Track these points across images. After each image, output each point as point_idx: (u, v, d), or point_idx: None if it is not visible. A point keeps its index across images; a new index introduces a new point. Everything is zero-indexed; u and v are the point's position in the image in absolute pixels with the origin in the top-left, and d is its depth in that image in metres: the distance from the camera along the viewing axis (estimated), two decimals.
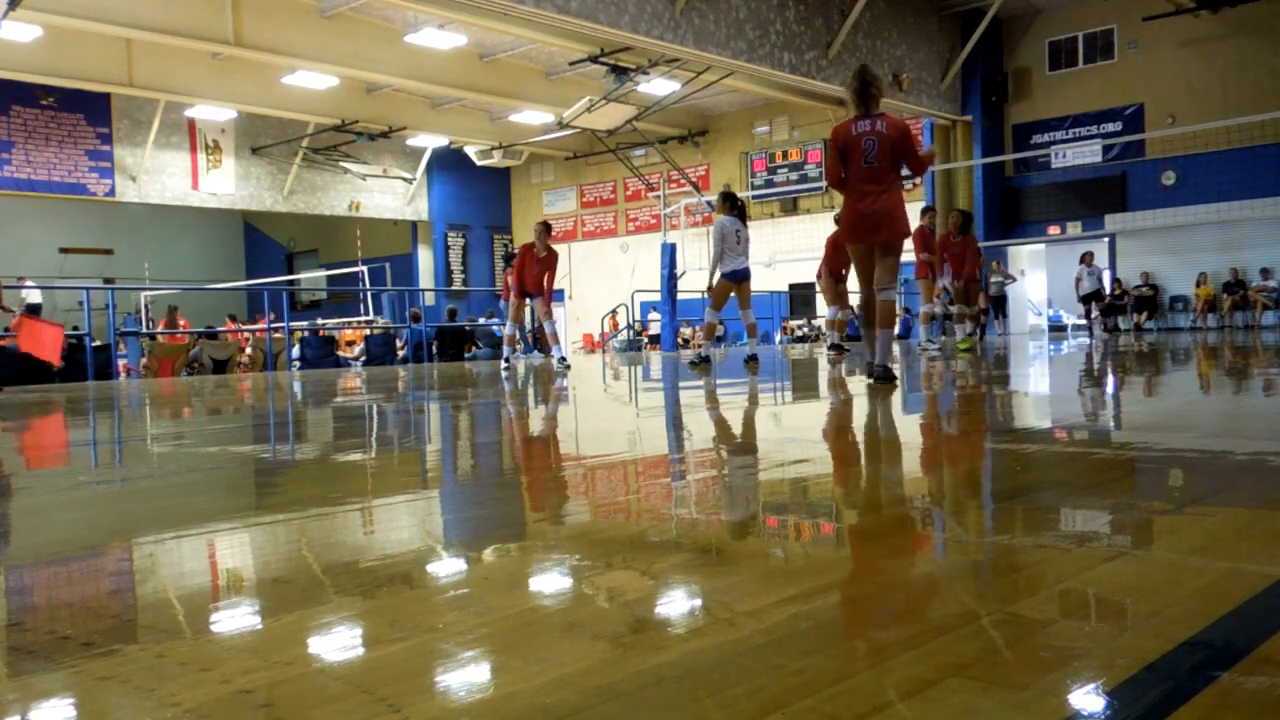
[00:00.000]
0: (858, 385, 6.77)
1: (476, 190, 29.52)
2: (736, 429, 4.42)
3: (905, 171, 6.25)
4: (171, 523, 2.27)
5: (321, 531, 2.10)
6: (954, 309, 12.22)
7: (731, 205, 9.62)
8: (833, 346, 12.00)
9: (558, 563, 1.68)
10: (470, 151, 26.19)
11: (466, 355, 17.46)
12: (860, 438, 3.86)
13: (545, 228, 11.08)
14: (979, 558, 1.66)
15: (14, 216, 26.97)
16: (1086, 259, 18.56)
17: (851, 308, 12.34)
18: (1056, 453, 3.11)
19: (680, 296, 18.48)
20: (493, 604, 1.45)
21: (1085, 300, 18.35)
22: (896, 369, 6.62)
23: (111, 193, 22.54)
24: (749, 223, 9.84)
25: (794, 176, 24.88)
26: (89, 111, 21.81)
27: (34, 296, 22.53)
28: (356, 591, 1.56)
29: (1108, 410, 4.73)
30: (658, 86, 20.05)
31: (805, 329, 24.06)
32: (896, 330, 22.64)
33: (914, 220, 22.94)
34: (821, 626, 1.25)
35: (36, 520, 2.37)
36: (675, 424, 4.74)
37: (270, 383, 10.80)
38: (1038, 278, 22.79)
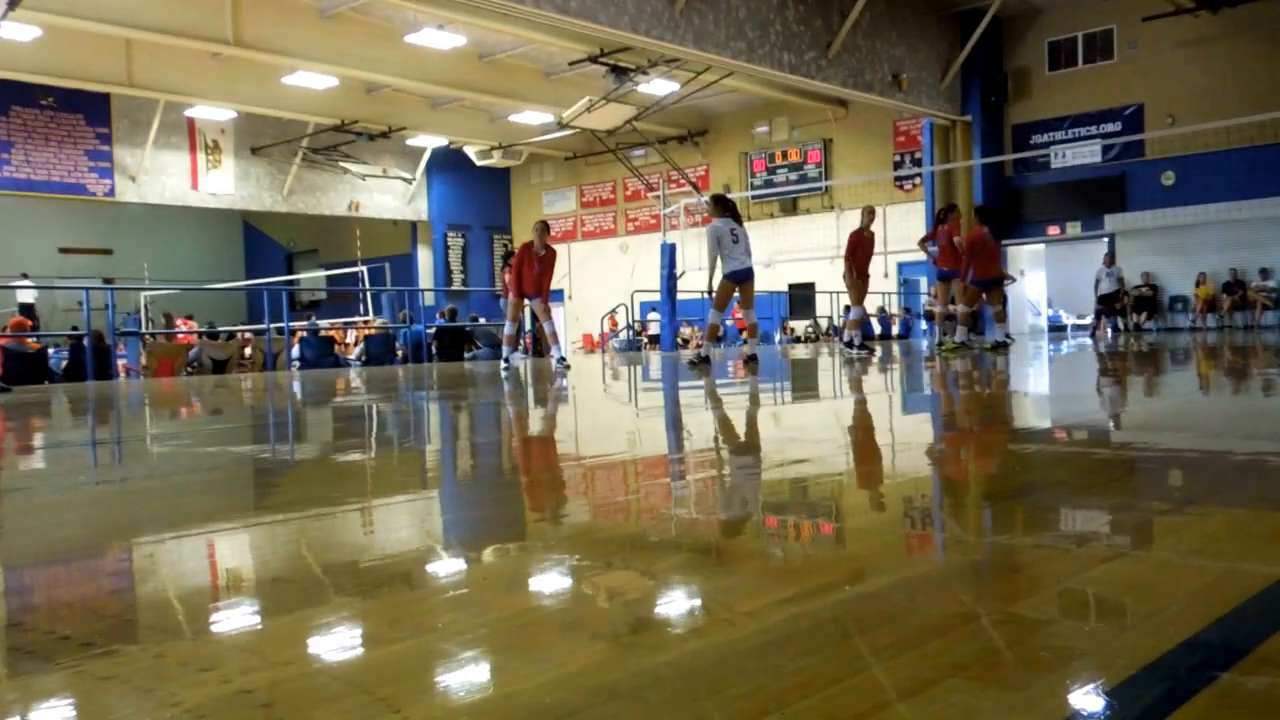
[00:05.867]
0: (861, 386, 6.78)
1: (476, 190, 29.50)
2: (736, 429, 4.42)
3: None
4: (171, 523, 2.27)
5: (321, 531, 2.10)
6: (956, 308, 12.26)
7: (723, 207, 9.62)
8: (860, 345, 12.02)
9: (557, 563, 1.68)
10: (470, 152, 26.17)
11: (466, 355, 17.45)
12: (860, 438, 3.85)
13: (544, 227, 11.07)
14: (979, 558, 1.66)
15: (14, 216, 26.96)
16: (1108, 260, 18.74)
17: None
18: (1056, 453, 3.11)
19: (680, 297, 18.48)
20: (493, 604, 1.45)
21: (1103, 301, 18.52)
22: None
23: (111, 193, 22.52)
24: (742, 222, 9.83)
25: (794, 177, 24.87)
26: (89, 112, 21.79)
27: (26, 296, 22.56)
28: (356, 591, 1.56)
29: (1108, 410, 4.73)
30: (657, 86, 20.04)
31: (811, 329, 24.03)
32: (897, 329, 22.74)
33: (905, 224, 22.76)
34: (821, 626, 1.25)
35: (36, 520, 2.37)
36: (674, 424, 4.74)
37: (270, 383, 10.80)
38: (1037, 278, 22.78)
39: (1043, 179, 21.39)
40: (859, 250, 11.87)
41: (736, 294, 9.62)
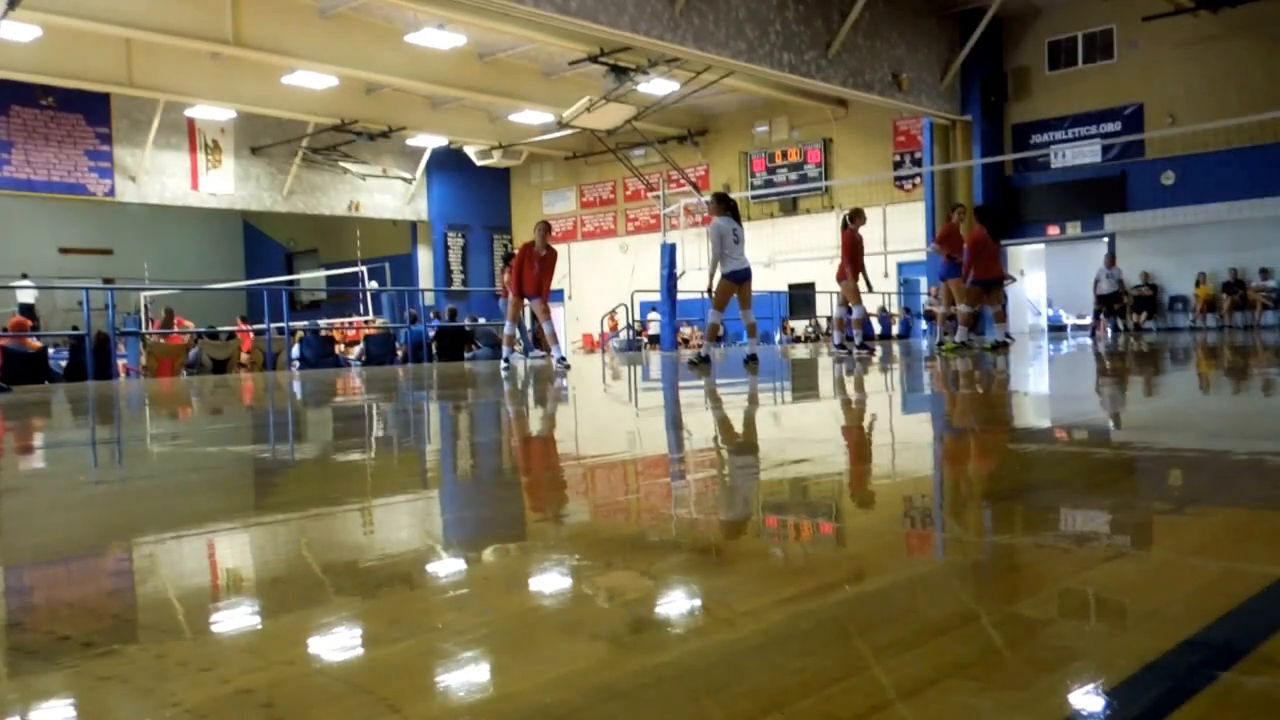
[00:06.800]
0: (862, 385, 6.78)
1: (476, 190, 29.50)
2: (736, 429, 4.42)
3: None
4: (171, 523, 2.27)
5: (321, 531, 2.10)
6: (958, 309, 12.26)
7: (725, 206, 9.62)
8: (860, 345, 12.04)
9: (558, 563, 1.68)
10: (470, 151, 26.17)
11: (466, 355, 17.45)
12: (860, 438, 3.86)
13: (545, 227, 11.08)
14: (979, 558, 1.66)
15: (14, 216, 26.96)
16: (1108, 260, 18.89)
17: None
18: (1056, 453, 3.11)
19: (680, 297, 18.47)
20: (493, 604, 1.45)
21: (1102, 300, 18.65)
22: None
23: (111, 193, 22.52)
24: (742, 222, 9.85)
25: (794, 176, 24.87)
26: (89, 112, 21.78)
27: (26, 296, 22.56)
28: (356, 591, 1.56)
29: (1107, 410, 4.72)
30: (657, 86, 20.04)
31: (811, 329, 24.02)
32: (898, 329, 22.77)
33: (905, 224, 22.77)
34: (821, 626, 1.25)
35: (36, 520, 2.37)
36: (675, 424, 4.74)
37: (270, 383, 10.80)
38: (1037, 278, 22.78)
39: (1043, 179, 21.39)
40: (857, 252, 11.97)
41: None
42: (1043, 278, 22.84)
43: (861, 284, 11.98)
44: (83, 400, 8.14)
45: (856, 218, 11.92)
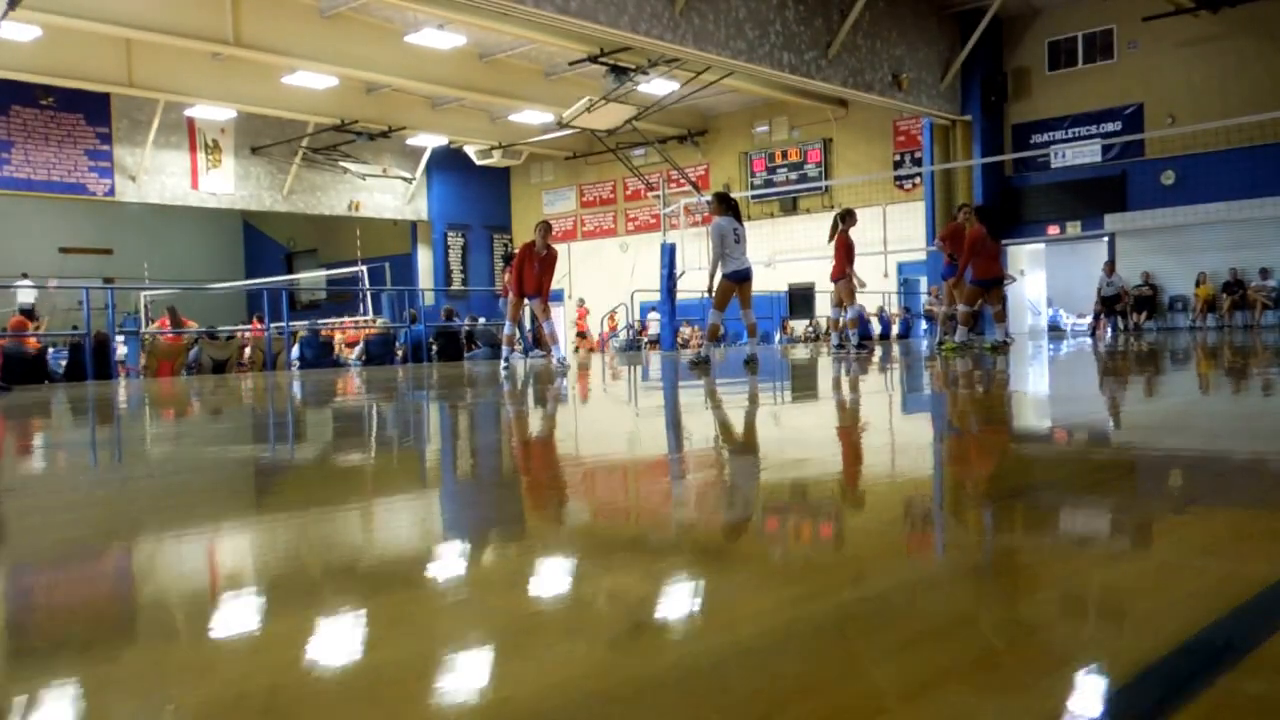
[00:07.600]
0: (863, 385, 6.78)
1: (476, 190, 29.49)
2: (736, 430, 4.42)
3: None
4: (171, 523, 2.27)
5: (321, 531, 2.10)
6: (958, 308, 12.26)
7: (727, 205, 9.62)
8: (858, 345, 12.09)
9: (558, 563, 1.68)
10: (470, 151, 26.16)
11: (466, 355, 17.44)
12: (860, 438, 3.85)
13: (546, 227, 11.09)
14: (979, 558, 1.66)
15: (14, 216, 26.95)
16: (1107, 268, 19.39)
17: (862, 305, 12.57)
18: (1057, 453, 3.11)
19: (680, 297, 18.47)
20: (492, 605, 1.45)
21: (1102, 302, 19.14)
22: None
23: (111, 193, 22.52)
24: (743, 221, 9.86)
25: (794, 176, 24.86)
26: (89, 112, 21.78)
27: (26, 296, 22.54)
28: (356, 593, 1.56)
29: (1107, 411, 4.72)
30: (657, 86, 20.03)
31: (811, 329, 24.01)
32: (898, 329, 22.78)
33: (905, 224, 22.78)
34: (821, 627, 1.25)
35: (36, 520, 2.37)
36: (674, 424, 4.74)
37: (270, 383, 10.80)
38: (1037, 278, 22.77)
39: (1043, 179, 21.38)
40: (850, 252, 12.10)
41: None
42: (1043, 278, 22.83)
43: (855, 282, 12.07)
44: (82, 401, 8.14)
45: (848, 218, 11.96)
